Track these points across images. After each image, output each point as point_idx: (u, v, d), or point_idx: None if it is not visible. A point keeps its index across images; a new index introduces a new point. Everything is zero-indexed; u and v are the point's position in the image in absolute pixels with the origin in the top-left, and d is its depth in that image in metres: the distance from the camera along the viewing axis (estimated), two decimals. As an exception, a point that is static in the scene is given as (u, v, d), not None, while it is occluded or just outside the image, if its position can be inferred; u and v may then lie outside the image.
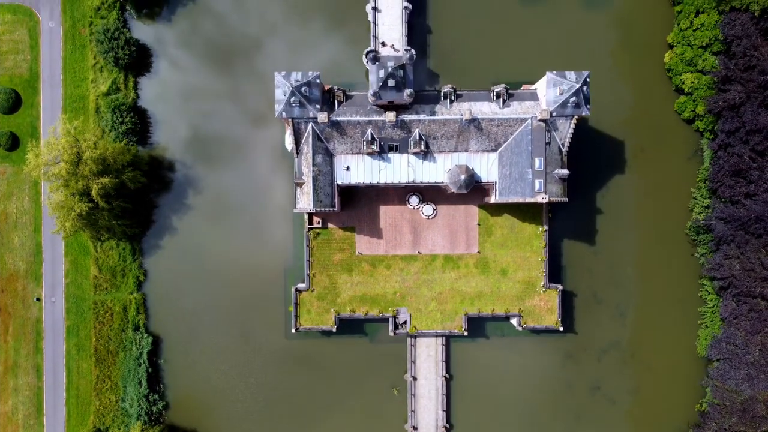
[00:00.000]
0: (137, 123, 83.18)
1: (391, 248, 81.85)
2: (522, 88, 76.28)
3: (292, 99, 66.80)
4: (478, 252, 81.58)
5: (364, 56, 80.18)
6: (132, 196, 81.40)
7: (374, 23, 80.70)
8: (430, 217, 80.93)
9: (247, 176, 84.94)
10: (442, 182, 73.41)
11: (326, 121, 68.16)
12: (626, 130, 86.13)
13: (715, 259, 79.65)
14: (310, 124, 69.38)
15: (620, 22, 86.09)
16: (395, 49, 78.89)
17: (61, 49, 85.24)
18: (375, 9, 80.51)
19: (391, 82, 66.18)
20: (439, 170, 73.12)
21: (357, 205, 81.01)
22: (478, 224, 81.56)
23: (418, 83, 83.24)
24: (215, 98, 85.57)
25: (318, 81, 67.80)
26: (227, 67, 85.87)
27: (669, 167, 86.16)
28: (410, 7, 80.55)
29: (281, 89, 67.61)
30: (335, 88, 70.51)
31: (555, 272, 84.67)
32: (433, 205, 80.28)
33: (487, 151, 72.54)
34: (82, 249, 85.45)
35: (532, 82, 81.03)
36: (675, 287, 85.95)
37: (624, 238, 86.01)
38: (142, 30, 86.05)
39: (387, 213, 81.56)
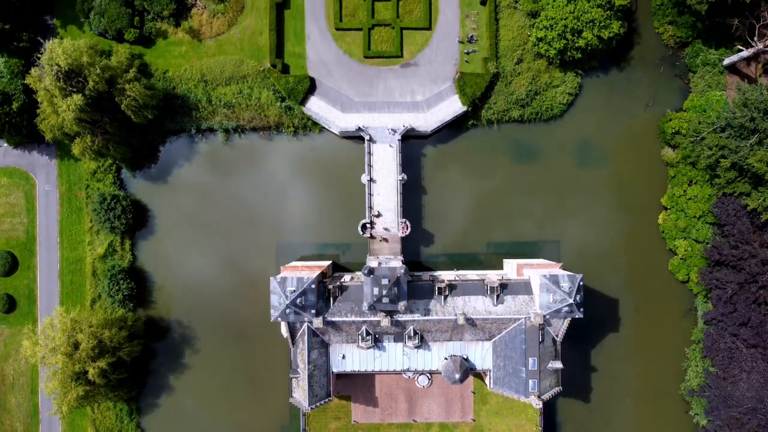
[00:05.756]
0: (134, 289, 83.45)
1: (386, 416, 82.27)
2: (516, 271, 76.64)
3: (287, 310, 67.36)
4: (473, 420, 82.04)
5: (359, 228, 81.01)
6: (128, 365, 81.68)
7: (369, 194, 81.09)
8: (425, 387, 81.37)
9: (245, 339, 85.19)
10: (437, 370, 73.85)
11: (321, 326, 68.73)
12: (621, 288, 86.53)
13: (708, 431, 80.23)
14: (306, 324, 69.85)
15: (615, 181, 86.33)
16: (387, 230, 79.59)
17: (58, 213, 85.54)
18: (371, 180, 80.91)
19: (385, 300, 66.69)
20: (434, 358, 73.65)
21: (353, 375, 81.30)
22: (473, 392, 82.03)
23: (413, 246, 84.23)
24: (212, 257, 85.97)
25: (313, 287, 68.24)
26: (223, 225, 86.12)
27: (663, 325, 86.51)
28: (405, 177, 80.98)
29: (276, 296, 68.12)
30: (330, 286, 70.92)
31: (550, 429, 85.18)
32: (428, 374, 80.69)
33: (482, 340, 73.00)
34: (79, 410, 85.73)
35: (530, 243, 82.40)
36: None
37: (619, 395, 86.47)
38: (138, 187, 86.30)
39: (382, 382, 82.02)
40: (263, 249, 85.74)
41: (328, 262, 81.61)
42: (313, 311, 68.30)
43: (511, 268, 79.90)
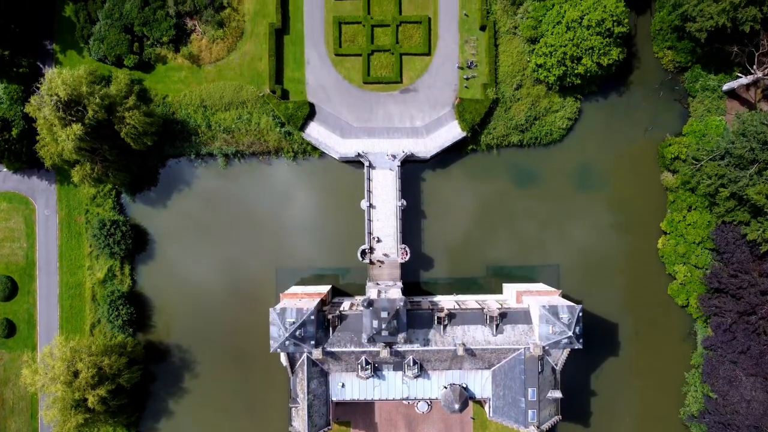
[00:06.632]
0: (133, 314, 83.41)
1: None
2: (515, 298, 76.63)
3: (287, 342, 67.44)
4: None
5: (359, 254, 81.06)
6: (128, 391, 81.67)
7: (369, 219, 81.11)
8: (425, 412, 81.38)
9: (244, 363, 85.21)
10: (437, 398, 73.89)
11: (321, 356, 68.79)
12: (620, 312, 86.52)
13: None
14: (305, 354, 69.91)
15: (614, 205, 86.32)
16: (387, 255, 79.72)
17: (57, 237, 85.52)
18: (370, 206, 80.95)
19: (385, 332, 66.73)
20: (433, 387, 73.66)
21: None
22: (473, 418, 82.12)
23: (412, 270, 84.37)
24: (212, 280, 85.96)
25: (312, 318, 68.28)
26: (223, 247, 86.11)
27: (663, 349, 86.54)
28: (405, 203, 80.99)
29: (276, 327, 68.18)
30: (330, 315, 70.94)
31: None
32: (428, 400, 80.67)
33: (481, 369, 73.01)
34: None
35: (530, 267, 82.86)
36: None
37: (618, 419, 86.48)
38: (138, 212, 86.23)
39: (382, 408, 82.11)
40: (263, 272, 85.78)
41: (328, 287, 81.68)
42: (313, 342, 68.35)
43: (510, 294, 79.90)
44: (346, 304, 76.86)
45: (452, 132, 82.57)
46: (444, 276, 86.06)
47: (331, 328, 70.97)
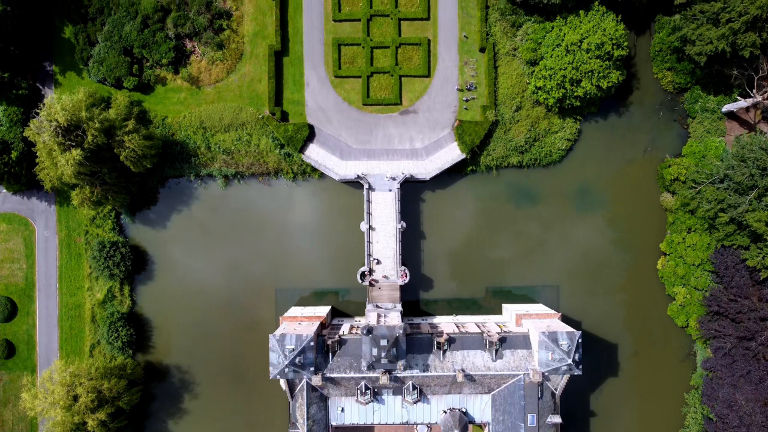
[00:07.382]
0: (133, 335, 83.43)
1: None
2: (515, 321, 76.63)
3: (286, 369, 67.46)
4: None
5: (358, 276, 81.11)
6: (128, 412, 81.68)
7: (368, 241, 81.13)
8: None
9: (244, 384, 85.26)
10: (436, 423, 73.94)
11: (320, 383, 68.82)
12: (620, 333, 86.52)
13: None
14: (305, 379, 69.93)
15: (614, 226, 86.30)
16: (387, 277, 79.75)
17: (57, 258, 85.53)
18: (370, 228, 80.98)
19: (384, 360, 66.76)
20: (433, 411, 73.73)
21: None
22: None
23: (412, 291, 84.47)
24: (211, 301, 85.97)
25: (311, 344, 68.28)
26: (223, 268, 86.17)
27: (662, 369, 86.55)
28: (404, 225, 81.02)
29: (276, 353, 68.16)
30: (329, 341, 70.95)
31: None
32: (427, 424, 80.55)
33: (481, 393, 73.04)
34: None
35: (529, 287, 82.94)
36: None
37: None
38: (138, 232, 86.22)
39: (381, 430, 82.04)
40: (263, 291, 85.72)
41: (327, 309, 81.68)
42: (312, 368, 68.36)
43: (510, 316, 79.94)
44: (345, 327, 76.86)
45: (452, 153, 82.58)
46: (444, 296, 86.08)
47: (330, 353, 70.96)
